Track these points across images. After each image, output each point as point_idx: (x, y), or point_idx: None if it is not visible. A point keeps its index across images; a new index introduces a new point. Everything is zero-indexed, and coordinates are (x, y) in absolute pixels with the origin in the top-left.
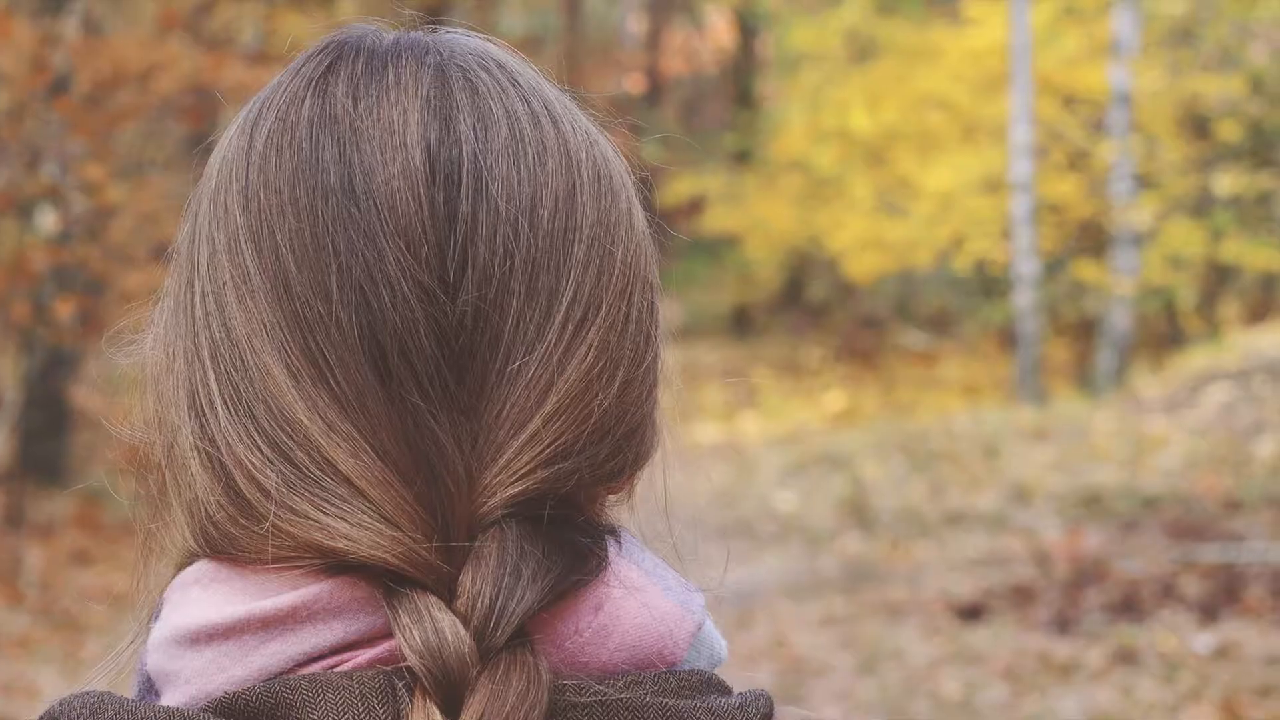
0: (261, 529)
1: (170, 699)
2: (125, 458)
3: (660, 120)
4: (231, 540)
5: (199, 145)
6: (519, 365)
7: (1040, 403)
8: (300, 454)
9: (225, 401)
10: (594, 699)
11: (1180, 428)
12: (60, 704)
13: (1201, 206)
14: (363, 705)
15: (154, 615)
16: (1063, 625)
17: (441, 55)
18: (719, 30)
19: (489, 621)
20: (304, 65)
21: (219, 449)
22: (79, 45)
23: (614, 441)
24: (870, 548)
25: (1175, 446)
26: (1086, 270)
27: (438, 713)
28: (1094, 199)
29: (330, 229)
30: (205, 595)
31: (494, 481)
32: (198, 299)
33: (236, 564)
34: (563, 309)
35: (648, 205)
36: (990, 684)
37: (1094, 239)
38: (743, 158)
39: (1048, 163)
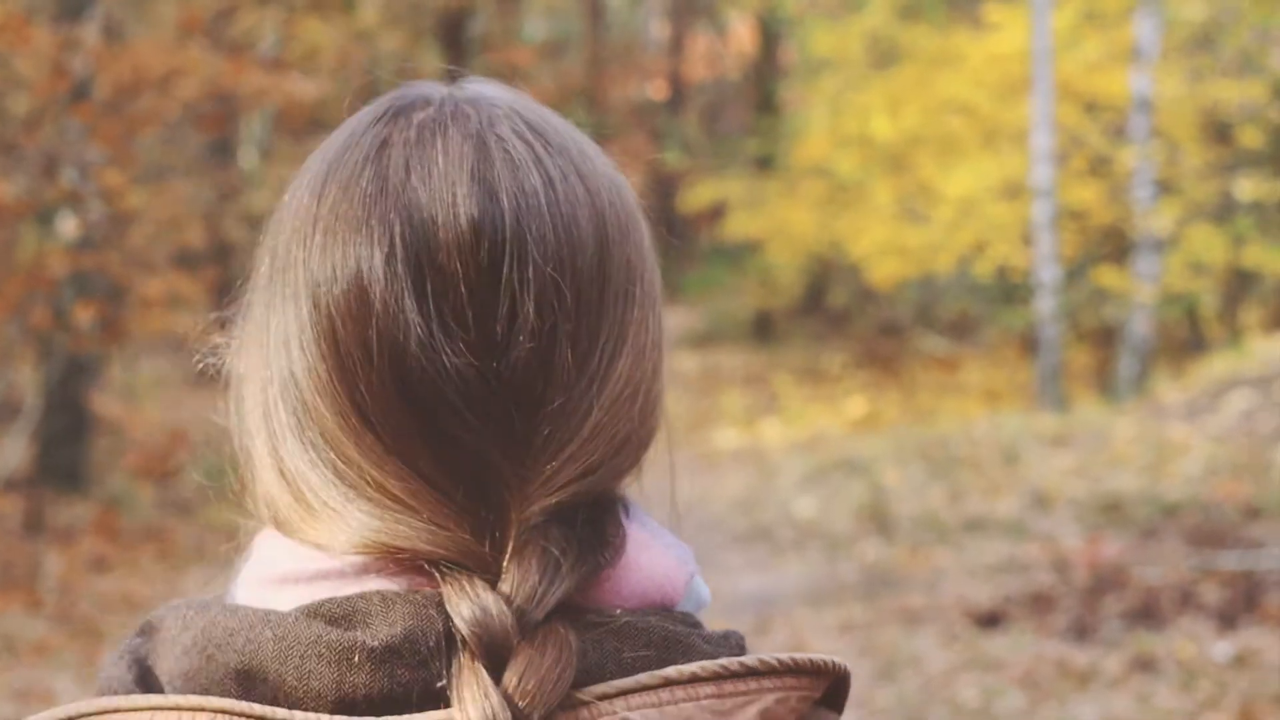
0: (327, 534)
1: None
2: (140, 462)
3: (682, 126)
4: (299, 531)
5: (219, 151)
6: (560, 403)
7: (1061, 409)
8: (355, 479)
9: (290, 429)
10: (610, 621)
11: (1201, 434)
12: (164, 607)
13: (1223, 212)
14: (424, 614)
15: (238, 564)
16: (1081, 632)
17: (481, 124)
18: (741, 36)
19: (531, 602)
20: (363, 135)
21: (287, 466)
22: (99, 51)
23: (635, 448)
24: (889, 554)
25: (1196, 453)
26: (1108, 276)
27: (484, 672)
28: (1115, 205)
29: (373, 293)
30: (285, 556)
31: (536, 493)
32: (272, 333)
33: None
34: (598, 349)
35: (660, 214)
36: (1008, 691)
37: (1115, 245)
38: (764, 163)
39: (1069, 168)
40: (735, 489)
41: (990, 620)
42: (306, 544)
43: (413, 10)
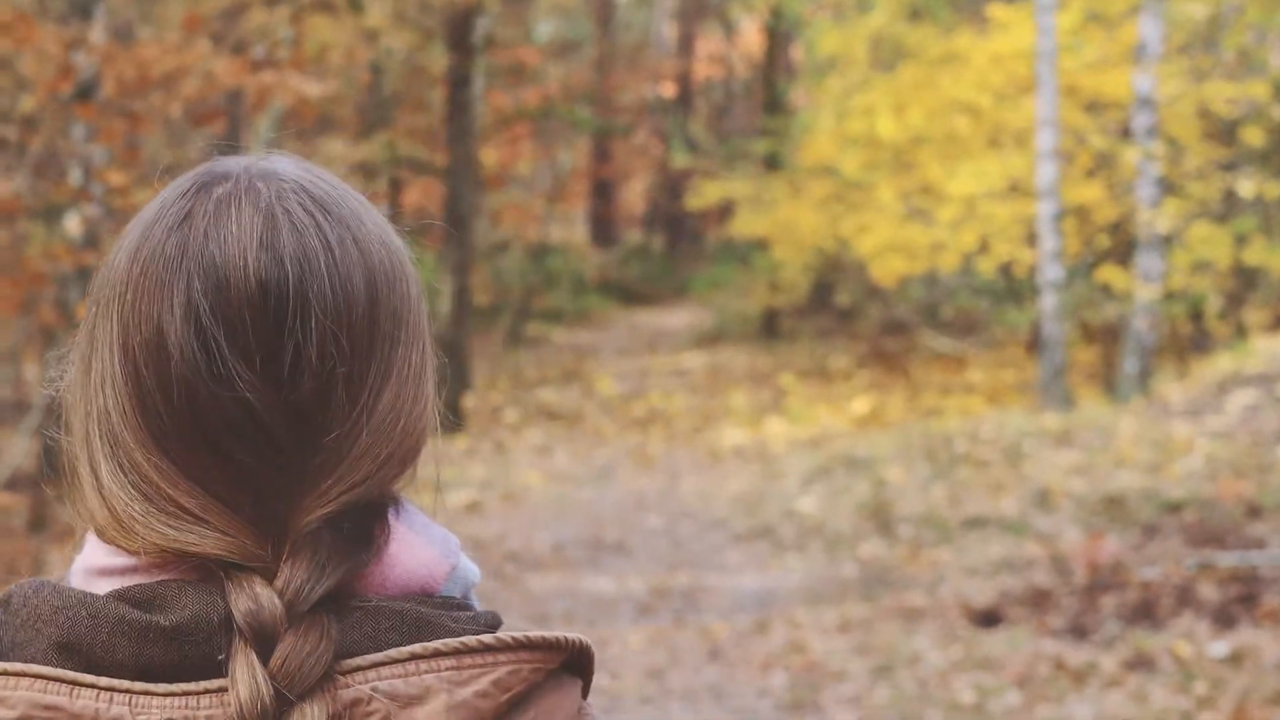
0: (135, 542)
1: None
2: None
3: (690, 126)
4: (112, 538)
5: (225, 149)
6: (336, 433)
7: (1064, 407)
8: (157, 498)
9: (104, 455)
10: (368, 605)
11: (1204, 433)
12: (15, 585)
13: (1226, 211)
14: (209, 601)
15: (75, 552)
16: (1079, 631)
17: (270, 198)
18: (749, 36)
19: (299, 596)
20: (172, 207)
21: (103, 484)
22: (104, 50)
23: (398, 462)
24: (890, 553)
25: (1198, 451)
26: (1111, 275)
27: (254, 655)
28: (1118, 203)
29: (171, 341)
30: (102, 553)
31: (311, 505)
32: (93, 373)
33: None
34: (367, 385)
35: (667, 213)
36: (1004, 690)
37: (1118, 243)
38: (771, 163)
39: (1072, 168)
40: (739, 487)
41: (988, 619)
42: (118, 547)
43: (421, 10)
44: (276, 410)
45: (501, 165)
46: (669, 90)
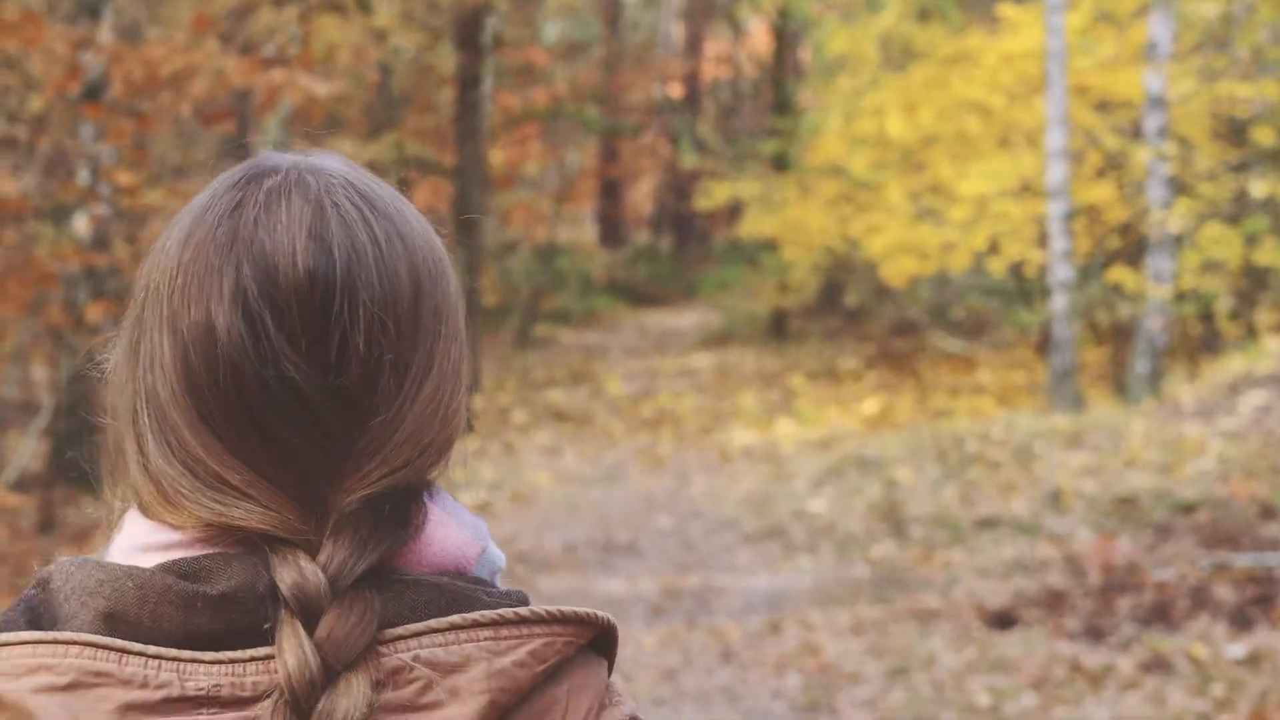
0: (181, 517)
1: None
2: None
3: (698, 126)
4: (158, 514)
5: (234, 150)
6: (381, 417)
7: (1075, 408)
8: (204, 474)
9: (153, 433)
10: (407, 578)
11: (1215, 433)
12: (53, 564)
13: (1237, 211)
14: (255, 572)
15: (114, 532)
16: (1094, 633)
17: (319, 190)
18: (757, 37)
19: (341, 571)
20: (223, 197)
21: (150, 462)
22: (112, 50)
23: (436, 450)
24: (902, 554)
25: (1210, 452)
26: (1122, 275)
27: (300, 627)
28: (1129, 203)
29: (219, 324)
30: (145, 530)
31: (354, 485)
32: (141, 354)
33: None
34: (411, 374)
35: (675, 214)
36: (1020, 693)
37: (1129, 244)
38: (780, 163)
39: (1083, 167)
40: (749, 488)
41: (1003, 620)
42: (162, 523)
43: (429, 10)
44: (322, 392)
45: (510, 165)
46: (677, 91)
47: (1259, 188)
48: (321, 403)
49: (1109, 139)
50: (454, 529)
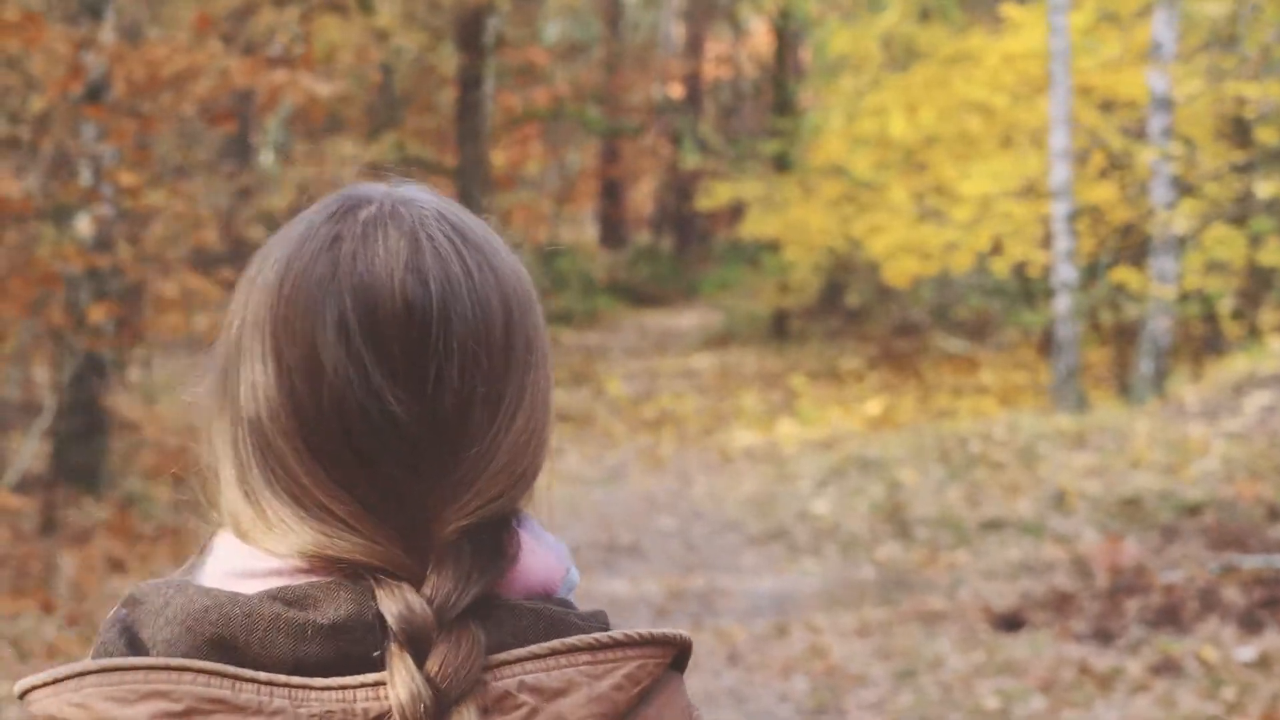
0: (283, 545)
1: None
2: (156, 462)
3: (699, 126)
4: (258, 540)
5: (236, 150)
6: (475, 448)
7: (1079, 409)
8: (307, 500)
9: (255, 460)
10: (507, 604)
11: (1220, 434)
12: (145, 585)
13: (1243, 212)
14: (363, 601)
15: (202, 557)
16: (1103, 635)
17: (414, 222)
18: (758, 37)
19: (446, 604)
20: (319, 229)
21: (253, 489)
22: (114, 50)
23: (526, 479)
24: (907, 555)
25: (1215, 453)
26: (1125, 275)
27: (410, 659)
28: (1133, 204)
29: (324, 355)
30: (242, 555)
31: (452, 517)
32: (242, 382)
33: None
34: (504, 405)
35: (676, 215)
36: (1029, 695)
37: (1133, 244)
38: (781, 163)
39: (1087, 168)
40: (751, 489)
41: (1010, 623)
42: (261, 550)
43: (430, 10)
44: (419, 423)
45: (511, 166)
46: (677, 91)
47: (1264, 188)
48: (419, 434)
49: (1113, 139)
50: (541, 554)
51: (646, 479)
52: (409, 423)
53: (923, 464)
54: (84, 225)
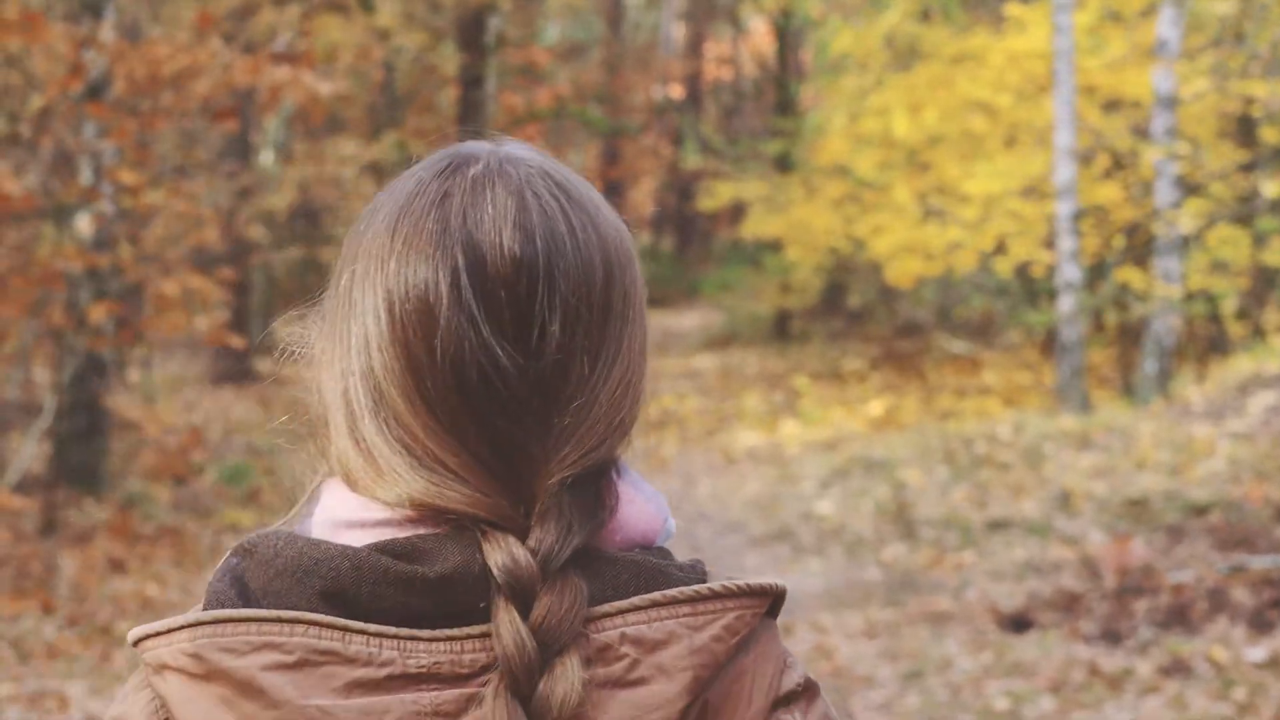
0: (393, 493)
1: None
2: (157, 462)
3: (701, 126)
4: (368, 488)
5: (236, 150)
6: (577, 400)
7: (1083, 409)
8: (419, 450)
9: (368, 409)
10: (607, 556)
11: (1225, 434)
12: (255, 535)
13: (1248, 212)
14: (469, 554)
15: (310, 505)
16: (1112, 636)
17: (520, 180)
18: (760, 36)
19: (550, 555)
20: (429, 185)
21: (365, 438)
22: (115, 48)
23: (624, 429)
24: (913, 556)
25: (1220, 453)
26: (1130, 275)
27: (515, 610)
28: (1138, 204)
29: (438, 309)
30: (350, 505)
31: (554, 469)
32: (353, 334)
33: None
34: (604, 357)
35: (678, 214)
36: (1038, 696)
37: (1138, 244)
38: (783, 163)
39: (1091, 167)
40: (755, 490)
41: (1018, 623)
42: (370, 497)
43: (432, 10)
44: (525, 376)
45: None
46: (678, 91)
47: (1270, 188)
48: (523, 387)
49: (1118, 139)
50: (640, 504)
51: (649, 480)
52: (515, 375)
53: (927, 465)
54: (84, 224)
